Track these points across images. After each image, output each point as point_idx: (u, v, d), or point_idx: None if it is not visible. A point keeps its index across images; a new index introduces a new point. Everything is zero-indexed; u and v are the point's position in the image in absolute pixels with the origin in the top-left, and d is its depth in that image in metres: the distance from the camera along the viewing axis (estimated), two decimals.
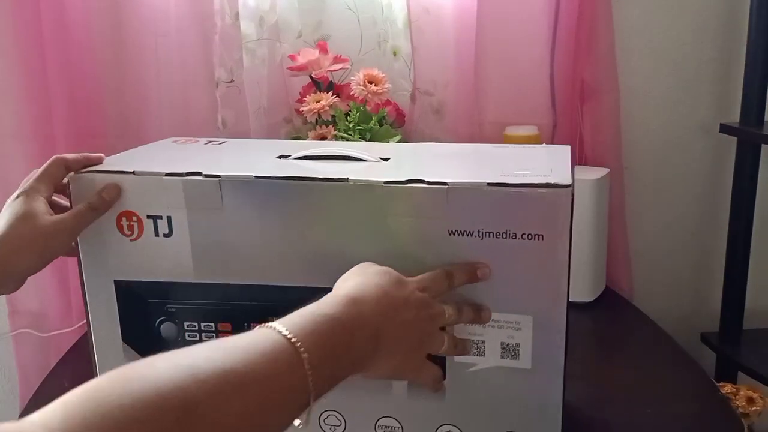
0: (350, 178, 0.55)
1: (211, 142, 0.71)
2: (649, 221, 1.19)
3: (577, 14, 1.02)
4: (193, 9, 1.02)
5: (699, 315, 1.24)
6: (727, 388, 1.07)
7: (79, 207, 0.58)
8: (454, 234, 0.54)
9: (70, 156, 0.60)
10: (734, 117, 1.12)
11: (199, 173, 0.57)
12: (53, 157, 0.60)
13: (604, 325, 0.97)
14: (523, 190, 0.53)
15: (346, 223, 0.56)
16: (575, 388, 0.63)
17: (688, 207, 1.20)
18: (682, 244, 1.21)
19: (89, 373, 0.83)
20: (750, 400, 1.05)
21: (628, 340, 0.94)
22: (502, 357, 0.57)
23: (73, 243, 0.60)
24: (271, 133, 1.05)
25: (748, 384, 1.09)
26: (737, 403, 1.05)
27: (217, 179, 0.57)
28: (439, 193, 0.54)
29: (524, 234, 0.53)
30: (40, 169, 0.59)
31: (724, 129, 1.11)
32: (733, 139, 1.11)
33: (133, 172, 0.58)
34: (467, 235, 0.54)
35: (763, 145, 1.09)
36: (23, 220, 0.55)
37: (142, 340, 0.62)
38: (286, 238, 0.57)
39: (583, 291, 0.98)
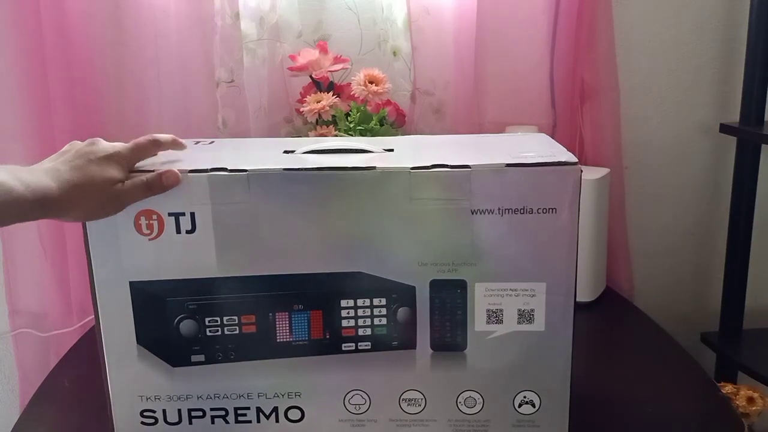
0: (377, 166, 0.58)
1: (199, 142, 0.71)
2: (649, 221, 1.19)
3: (577, 14, 1.03)
4: (194, 9, 1.02)
5: (699, 315, 1.24)
6: (727, 388, 1.07)
7: (135, 180, 0.57)
8: (476, 213, 0.59)
9: (162, 138, 0.61)
10: (734, 117, 1.12)
11: (224, 169, 0.58)
12: (150, 136, 0.61)
13: (604, 325, 0.98)
14: (538, 169, 0.58)
15: (372, 209, 0.59)
16: (575, 388, 0.63)
17: (688, 207, 1.20)
18: (682, 244, 1.22)
19: (89, 373, 0.83)
20: (750, 400, 1.06)
21: (628, 340, 0.94)
22: (519, 322, 0.61)
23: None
24: (271, 133, 1.06)
25: (748, 384, 1.09)
26: (737, 402, 1.05)
27: (245, 173, 0.58)
28: (463, 176, 0.58)
29: (539, 208, 0.58)
30: (135, 141, 0.59)
31: (724, 129, 1.11)
32: (733, 139, 1.11)
33: (152, 171, 0.58)
34: (488, 213, 0.59)
35: (763, 145, 1.09)
36: (101, 183, 0.55)
37: (159, 340, 0.62)
38: (312, 227, 0.59)
39: (584, 291, 0.98)
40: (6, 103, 0.97)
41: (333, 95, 0.99)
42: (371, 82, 0.99)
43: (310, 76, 1.02)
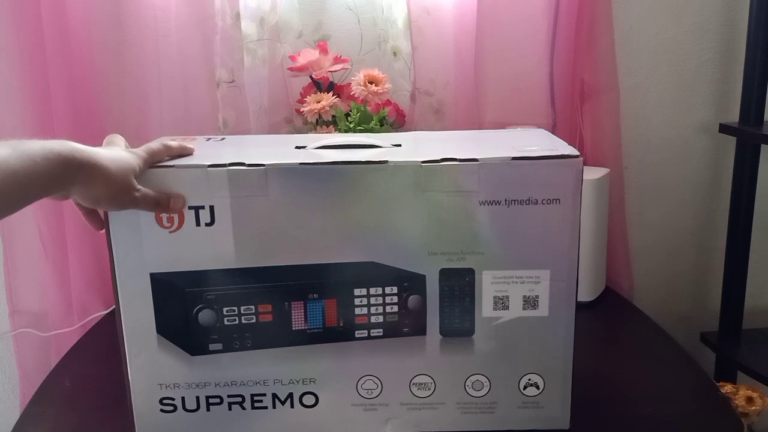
0: (389, 160, 0.61)
1: (210, 139, 0.74)
2: (649, 221, 1.20)
3: (577, 14, 1.04)
4: (194, 9, 1.03)
5: (699, 315, 1.26)
6: (726, 388, 1.08)
7: (148, 192, 0.59)
8: (483, 204, 0.62)
9: (173, 145, 0.63)
10: (733, 117, 1.13)
11: (242, 163, 0.61)
12: (162, 144, 0.62)
13: (604, 325, 0.98)
14: (543, 161, 0.61)
15: (384, 201, 0.62)
16: (575, 387, 0.63)
17: (688, 207, 1.21)
18: (681, 244, 1.23)
19: (89, 373, 0.83)
20: (749, 400, 1.06)
21: (628, 340, 0.95)
22: (524, 308, 0.65)
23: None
24: (272, 133, 1.06)
25: (748, 383, 1.10)
26: (737, 402, 1.06)
27: (263, 168, 0.61)
28: (472, 169, 0.61)
29: (544, 199, 0.62)
30: (150, 148, 0.61)
31: (724, 129, 1.12)
32: (733, 139, 1.12)
33: (173, 166, 0.61)
34: (495, 204, 0.62)
35: (762, 145, 1.10)
36: (119, 180, 0.56)
37: (178, 329, 0.65)
38: (327, 218, 0.63)
39: (584, 291, 0.99)
40: (6, 104, 0.99)
41: (333, 95, 1.00)
42: (371, 83, 1.00)
43: (311, 77, 1.03)
